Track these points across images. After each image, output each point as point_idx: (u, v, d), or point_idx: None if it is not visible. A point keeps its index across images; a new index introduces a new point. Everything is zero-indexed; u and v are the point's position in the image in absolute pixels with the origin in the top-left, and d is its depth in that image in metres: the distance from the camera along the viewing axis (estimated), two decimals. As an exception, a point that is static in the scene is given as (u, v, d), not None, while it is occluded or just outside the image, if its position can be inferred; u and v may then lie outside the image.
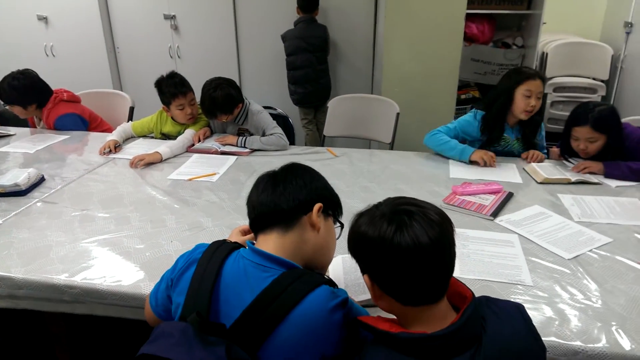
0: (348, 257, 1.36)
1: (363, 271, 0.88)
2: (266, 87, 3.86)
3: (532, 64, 3.40)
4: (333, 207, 1.08)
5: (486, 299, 0.88)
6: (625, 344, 1.06)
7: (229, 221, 1.63)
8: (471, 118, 2.20)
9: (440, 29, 2.86)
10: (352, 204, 1.66)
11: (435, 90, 3.02)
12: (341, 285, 1.25)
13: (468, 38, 3.54)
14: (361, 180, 1.98)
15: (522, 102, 2.06)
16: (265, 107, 2.54)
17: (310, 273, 0.95)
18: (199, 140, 2.39)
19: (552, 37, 3.93)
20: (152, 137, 2.55)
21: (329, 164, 2.17)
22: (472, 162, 2.10)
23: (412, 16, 2.84)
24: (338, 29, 3.61)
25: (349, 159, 2.23)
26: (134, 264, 1.39)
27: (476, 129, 2.18)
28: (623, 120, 2.01)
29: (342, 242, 1.44)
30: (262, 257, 0.94)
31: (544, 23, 3.18)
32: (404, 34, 2.90)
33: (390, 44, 2.95)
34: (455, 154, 2.13)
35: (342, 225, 1.09)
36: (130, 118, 2.82)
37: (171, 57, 3.96)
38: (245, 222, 1.12)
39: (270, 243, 0.98)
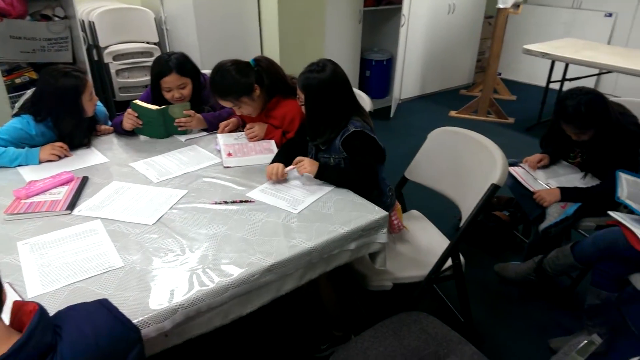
0: None
1: None
2: None
3: (79, 34, 3.21)
4: None
5: (67, 308, 0.87)
6: (212, 280, 1.16)
7: None
8: (23, 125, 1.84)
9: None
10: None
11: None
12: None
13: (-5, 12, 2.97)
14: None
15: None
16: None
17: None
18: None
19: (93, 5, 3.80)
20: None
21: None
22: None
23: None
24: None
25: None
26: None
27: (34, 136, 1.86)
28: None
29: None
30: None
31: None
32: None
33: None
34: (21, 161, 1.79)
35: None
36: None
37: None
38: None
39: None
